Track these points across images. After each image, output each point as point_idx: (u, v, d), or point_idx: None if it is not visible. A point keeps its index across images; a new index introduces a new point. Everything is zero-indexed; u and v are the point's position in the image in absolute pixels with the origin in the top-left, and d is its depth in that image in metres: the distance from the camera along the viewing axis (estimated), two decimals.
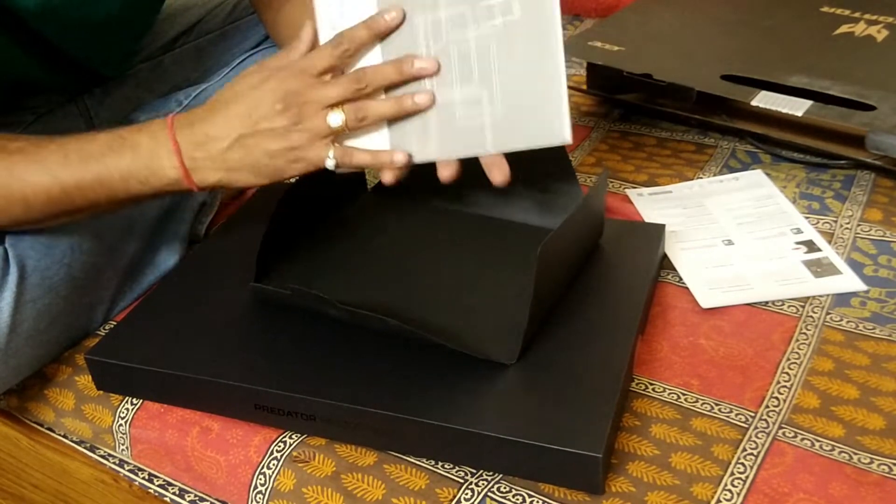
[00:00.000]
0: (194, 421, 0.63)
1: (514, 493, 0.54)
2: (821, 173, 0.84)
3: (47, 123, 0.80)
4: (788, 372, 0.61)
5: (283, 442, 0.59)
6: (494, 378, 0.57)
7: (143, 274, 0.77)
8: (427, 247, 0.73)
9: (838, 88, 0.84)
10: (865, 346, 0.63)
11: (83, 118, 0.83)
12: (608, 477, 0.54)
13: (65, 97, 0.82)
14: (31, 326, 0.66)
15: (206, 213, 0.84)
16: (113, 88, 0.85)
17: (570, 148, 0.93)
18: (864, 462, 0.54)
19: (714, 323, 0.66)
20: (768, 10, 1.04)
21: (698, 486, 0.53)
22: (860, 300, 0.68)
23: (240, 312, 0.67)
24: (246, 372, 0.60)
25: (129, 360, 0.63)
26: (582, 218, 0.65)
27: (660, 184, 0.85)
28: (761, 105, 0.84)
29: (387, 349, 0.60)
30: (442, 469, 0.56)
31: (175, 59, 0.89)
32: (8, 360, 0.65)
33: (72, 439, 0.69)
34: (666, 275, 0.72)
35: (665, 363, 0.63)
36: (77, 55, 0.74)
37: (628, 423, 0.58)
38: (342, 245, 0.74)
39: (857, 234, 0.75)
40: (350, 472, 0.57)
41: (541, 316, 0.61)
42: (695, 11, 1.06)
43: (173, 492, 0.64)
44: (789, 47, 0.95)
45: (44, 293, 0.66)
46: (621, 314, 0.63)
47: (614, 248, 0.71)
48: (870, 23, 0.97)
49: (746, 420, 0.58)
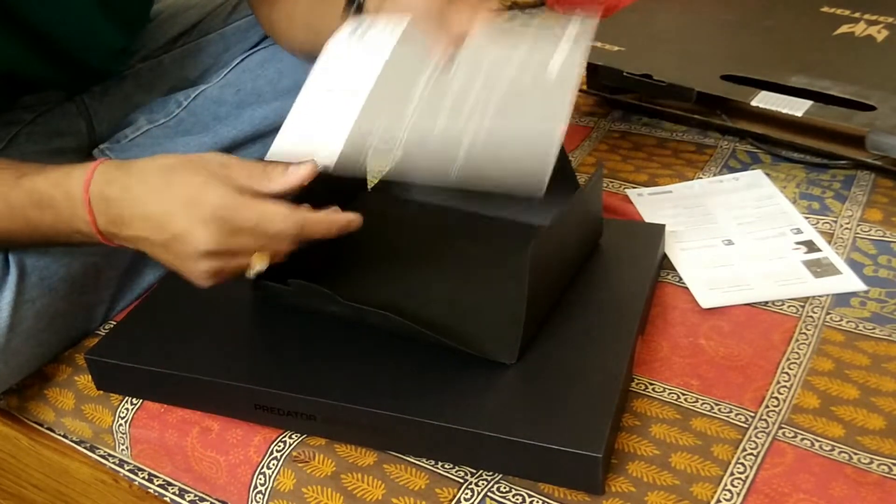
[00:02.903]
0: (194, 421, 0.62)
1: (514, 493, 0.54)
2: (821, 173, 0.84)
3: (46, 122, 0.79)
4: (788, 372, 0.61)
5: (283, 442, 0.59)
6: (494, 378, 0.57)
7: (142, 274, 0.77)
8: (426, 246, 0.73)
9: (838, 89, 0.84)
10: (865, 346, 0.63)
11: (82, 117, 0.83)
12: (608, 477, 0.54)
13: (63, 96, 0.82)
14: (31, 326, 0.66)
15: None
16: (112, 88, 0.85)
17: (570, 148, 0.94)
18: (864, 462, 0.54)
19: (714, 323, 0.66)
20: (768, 10, 1.04)
21: (698, 486, 0.53)
22: (860, 300, 0.68)
23: (240, 312, 0.67)
24: (246, 372, 0.60)
25: (129, 360, 0.63)
26: (576, 215, 0.65)
27: (660, 184, 0.85)
28: (761, 105, 0.84)
29: (387, 349, 0.60)
30: (442, 469, 0.56)
31: (175, 60, 0.89)
32: (7, 360, 0.65)
33: (72, 439, 0.69)
34: (666, 275, 0.72)
35: (665, 363, 0.63)
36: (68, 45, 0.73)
37: (628, 423, 0.58)
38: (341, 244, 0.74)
39: (857, 234, 0.75)
40: (350, 472, 0.57)
41: (540, 315, 0.61)
42: (695, 11, 1.06)
43: (173, 492, 0.64)
44: (789, 47, 0.95)
45: (43, 293, 0.66)
46: (621, 314, 0.63)
47: (614, 248, 0.71)
48: (870, 23, 0.97)
49: (746, 420, 0.58)
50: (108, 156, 0.81)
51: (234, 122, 0.86)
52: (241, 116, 0.86)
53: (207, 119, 0.86)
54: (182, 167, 0.55)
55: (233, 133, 0.86)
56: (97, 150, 0.82)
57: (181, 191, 0.54)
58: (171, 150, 0.83)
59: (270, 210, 0.54)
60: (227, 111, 0.86)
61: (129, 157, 0.81)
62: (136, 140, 0.83)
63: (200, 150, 0.84)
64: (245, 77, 0.88)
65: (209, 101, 0.86)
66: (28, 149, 0.77)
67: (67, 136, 0.81)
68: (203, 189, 0.53)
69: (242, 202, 0.54)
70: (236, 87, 0.87)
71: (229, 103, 0.86)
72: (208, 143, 0.85)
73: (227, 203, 0.53)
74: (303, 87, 0.66)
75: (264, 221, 0.54)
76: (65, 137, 0.81)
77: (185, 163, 0.56)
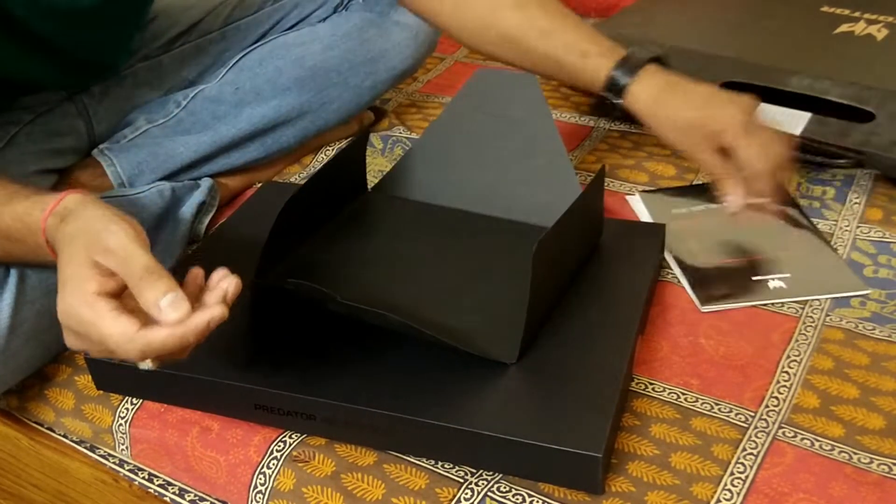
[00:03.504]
0: (194, 421, 0.62)
1: (514, 492, 0.54)
2: (821, 173, 0.84)
3: (45, 123, 0.79)
4: (788, 371, 0.61)
5: (283, 442, 0.59)
6: (494, 378, 0.57)
7: None
8: (427, 246, 0.73)
9: (838, 89, 0.84)
10: (865, 345, 0.63)
11: (81, 117, 0.83)
12: (608, 477, 0.54)
13: (63, 96, 0.82)
14: (31, 327, 0.66)
15: (206, 212, 0.84)
16: (111, 88, 0.85)
17: (570, 148, 0.94)
18: (863, 462, 0.54)
19: (714, 322, 0.66)
20: (768, 9, 1.04)
21: (698, 486, 0.53)
22: (860, 300, 0.68)
23: (240, 312, 0.66)
24: (246, 372, 0.60)
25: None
26: (579, 216, 0.65)
27: (660, 184, 0.85)
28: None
29: (387, 349, 0.60)
30: (442, 469, 0.56)
31: (174, 60, 0.89)
32: (7, 361, 0.65)
33: (72, 439, 0.69)
34: (666, 275, 0.72)
35: (665, 363, 0.63)
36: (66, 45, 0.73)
37: (628, 422, 0.58)
38: (342, 244, 0.74)
39: (857, 234, 0.75)
40: (350, 471, 0.57)
41: (541, 315, 0.61)
42: (694, 11, 1.06)
43: (173, 491, 0.64)
44: (789, 47, 0.95)
45: (43, 294, 0.66)
46: (621, 314, 0.63)
47: (614, 248, 0.71)
48: (870, 22, 0.97)
49: (746, 420, 0.58)
50: (107, 156, 0.81)
51: (233, 120, 0.86)
52: (241, 115, 0.86)
53: (206, 118, 0.86)
54: (75, 246, 0.52)
55: (232, 132, 0.86)
56: (97, 150, 0.82)
57: (62, 270, 0.52)
58: (170, 149, 0.83)
59: (110, 332, 0.49)
60: (226, 110, 0.86)
61: (129, 157, 0.82)
62: (136, 140, 0.83)
63: (200, 148, 0.84)
64: (244, 76, 0.88)
65: (208, 101, 0.86)
66: (28, 149, 0.77)
67: (67, 136, 0.81)
68: (65, 284, 0.51)
69: (84, 315, 0.49)
70: (235, 85, 0.87)
71: (228, 102, 0.86)
72: (207, 142, 0.85)
73: (71, 311, 0.50)
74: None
75: (104, 340, 0.49)
76: (64, 138, 0.81)
77: (79, 240, 0.52)
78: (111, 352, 0.50)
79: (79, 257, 0.51)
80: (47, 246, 0.56)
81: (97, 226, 0.52)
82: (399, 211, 0.78)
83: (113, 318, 0.49)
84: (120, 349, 0.49)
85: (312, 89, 0.89)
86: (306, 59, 0.88)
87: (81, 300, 0.49)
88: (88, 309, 0.49)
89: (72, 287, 0.50)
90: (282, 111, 0.88)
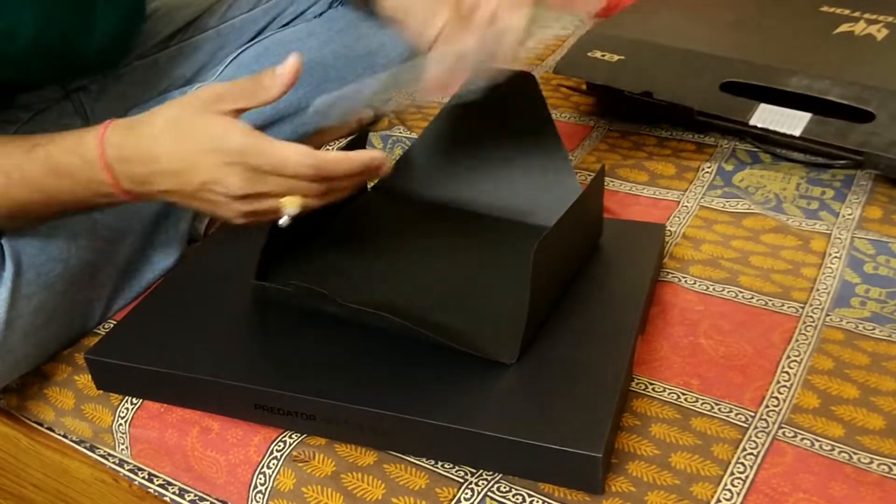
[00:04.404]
0: (194, 421, 0.62)
1: (514, 492, 0.54)
2: (821, 173, 0.84)
3: (43, 121, 0.79)
4: (788, 371, 0.61)
5: (283, 442, 0.59)
6: (494, 378, 0.57)
7: (141, 273, 0.77)
8: (427, 246, 0.73)
9: (838, 89, 0.84)
10: (865, 345, 0.63)
11: (79, 115, 0.83)
12: (608, 477, 0.54)
13: (60, 94, 0.82)
14: (28, 322, 0.66)
15: None
16: (108, 85, 0.85)
17: (570, 148, 0.94)
18: (864, 462, 0.54)
19: (714, 322, 0.66)
20: (768, 9, 1.04)
21: (698, 486, 0.53)
22: (860, 300, 0.68)
23: (240, 312, 0.67)
24: (246, 372, 0.60)
25: (129, 359, 0.63)
26: (579, 216, 0.65)
27: (660, 184, 0.85)
28: (759, 125, 0.84)
29: (387, 349, 0.60)
30: (442, 469, 0.56)
31: (171, 58, 0.89)
32: (4, 357, 0.65)
33: (72, 439, 0.69)
34: (666, 275, 0.72)
35: (665, 363, 0.63)
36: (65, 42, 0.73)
37: (628, 422, 0.58)
38: (342, 244, 0.74)
39: (857, 234, 0.75)
40: (350, 471, 0.57)
41: (541, 315, 0.61)
42: (694, 11, 1.06)
43: (173, 491, 0.64)
44: (789, 47, 0.95)
45: (39, 289, 0.66)
46: (621, 314, 0.63)
47: (614, 248, 0.71)
48: (870, 22, 0.97)
49: (746, 420, 0.58)
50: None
51: None
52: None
53: None
54: (188, 117, 0.56)
55: None
56: None
57: (195, 141, 0.55)
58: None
59: (284, 152, 0.55)
60: None
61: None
62: None
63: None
64: (241, 73, 0.87)
65: None
66: None
67: None
68: (218, 135, 0.55)
69: (256, 146, 0.54)
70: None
71: None
72: None
73: (243, 148, 0.54)
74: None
75: (280, 163, 0.54)
76: None
77: (188, 110, 0.56)
78: (287, 176, 0.53)
79: (204, 116, 0.54)
80: (106, 171, 0.57)
81: (186, 101, 0.56)
82: (398, 211, 0.77)
83: (281, 142, 0.53)
84: (300, 168, 0.53)
85: (309, 85, 0.88)
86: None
87: (244, 134, 0.53)
88: (257, 138, 0.53)
89: (222, 131, 0.53)
90: (279, 107, 0.88)
